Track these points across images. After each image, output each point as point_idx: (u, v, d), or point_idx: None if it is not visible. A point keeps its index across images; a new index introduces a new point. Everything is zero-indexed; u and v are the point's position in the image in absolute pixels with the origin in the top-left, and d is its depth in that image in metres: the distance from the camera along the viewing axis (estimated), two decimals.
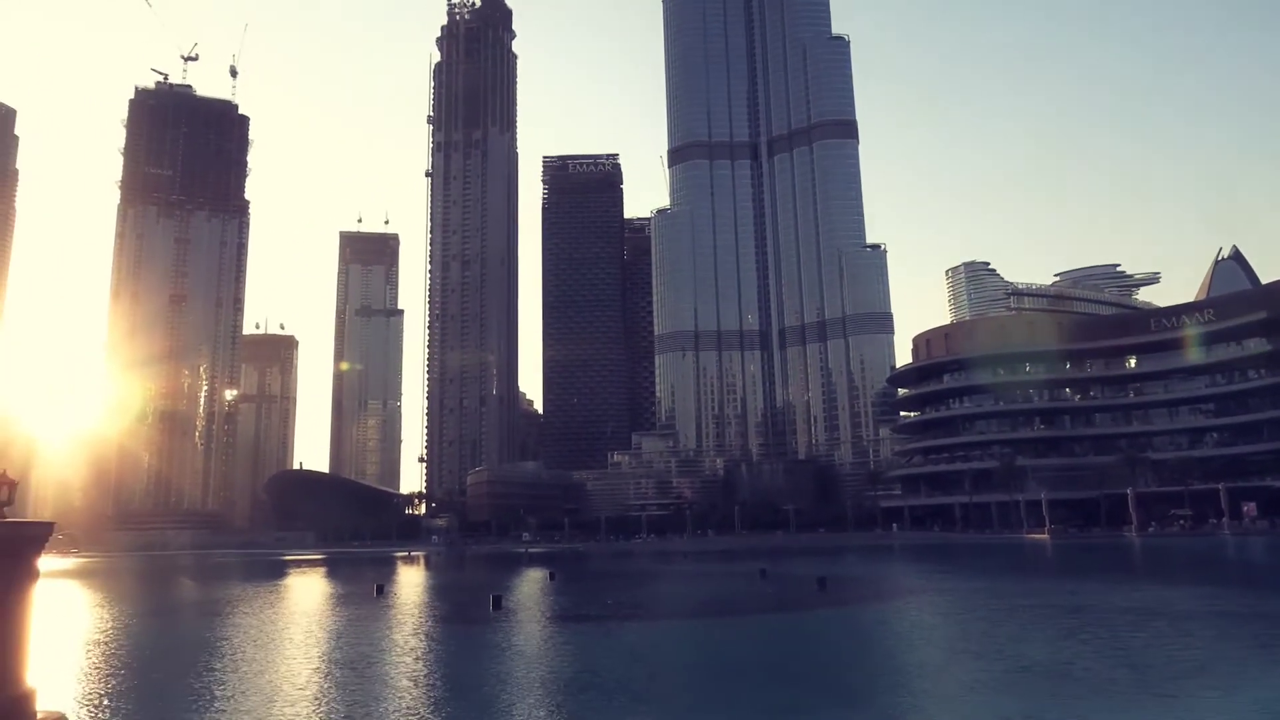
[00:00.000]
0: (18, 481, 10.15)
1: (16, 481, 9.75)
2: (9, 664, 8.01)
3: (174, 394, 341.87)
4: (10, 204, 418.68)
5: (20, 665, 8.10)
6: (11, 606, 8.18)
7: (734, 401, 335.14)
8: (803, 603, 56.75)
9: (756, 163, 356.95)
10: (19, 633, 8.22)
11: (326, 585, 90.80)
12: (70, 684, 28.68)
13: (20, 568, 8.43)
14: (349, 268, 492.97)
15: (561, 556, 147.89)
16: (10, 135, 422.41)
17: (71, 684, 28.77)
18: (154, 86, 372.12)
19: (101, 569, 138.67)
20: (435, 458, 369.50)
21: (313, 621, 51.74)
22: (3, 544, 8.25)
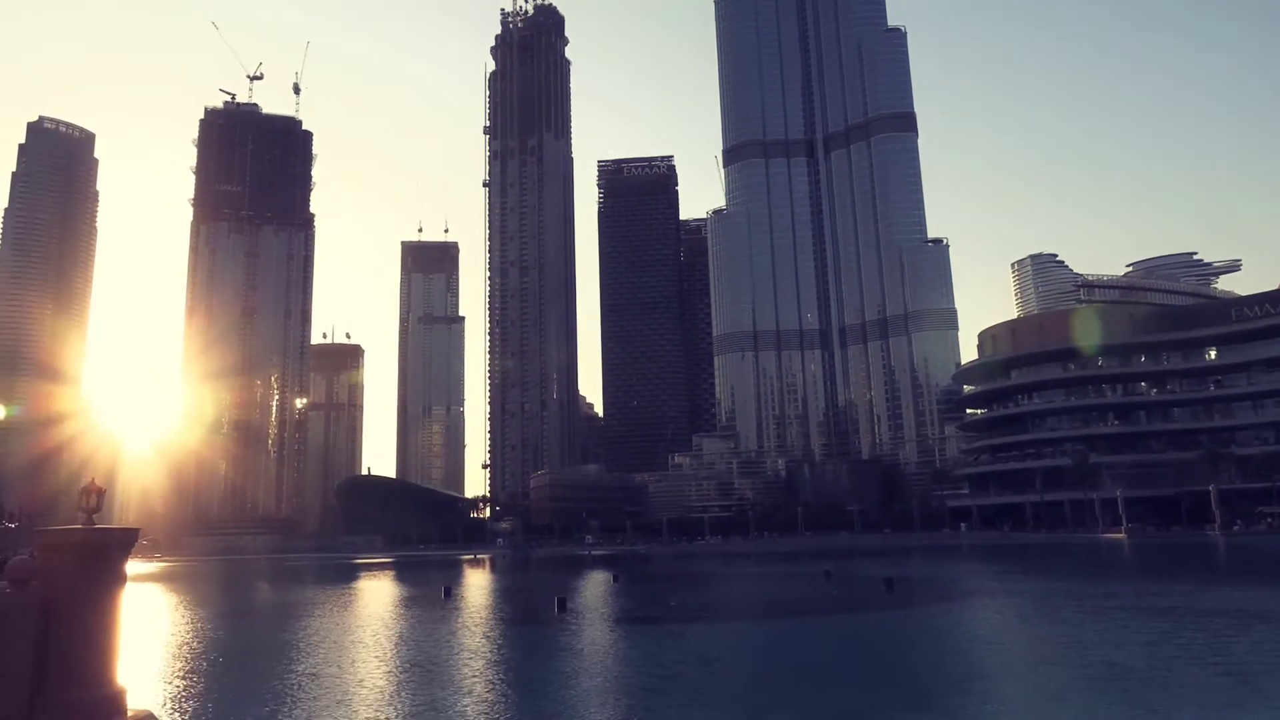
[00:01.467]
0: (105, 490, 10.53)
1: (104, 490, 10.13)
2: (101, 664, 8.33)
3: (247, 404, 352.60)
4: (92, 224, 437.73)
5: (111, 665, 8.43)
6: (102, 609, 8.51)
7: (795, 401, 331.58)
8: (870, 604, 55.86)
9: (813, 160, 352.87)
10: (109, 634, 8.55)
11: (396, 588, 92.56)
12: (156, 684, 29.79)
13: (109, 572, 8.77)
14: (411, 277, 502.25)
15: (624, 559, 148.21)
16: (90, 158, 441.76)
17: (158, 684, 29.88)
18: (222, 106, 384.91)
19: (182, 573, 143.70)
20: (498, 461, 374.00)
21: (383, 624, 52.79)
22: (93, 550, 8.59)
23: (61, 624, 8.14)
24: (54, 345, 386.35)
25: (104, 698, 8.28)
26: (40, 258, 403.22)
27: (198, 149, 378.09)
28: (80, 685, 8.09)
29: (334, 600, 74.18)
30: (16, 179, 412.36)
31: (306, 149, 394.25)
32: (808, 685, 27.98)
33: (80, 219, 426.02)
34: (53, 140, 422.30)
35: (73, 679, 8.04)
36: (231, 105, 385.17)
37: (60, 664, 8.04)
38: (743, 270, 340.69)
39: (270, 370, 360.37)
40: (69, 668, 8.07)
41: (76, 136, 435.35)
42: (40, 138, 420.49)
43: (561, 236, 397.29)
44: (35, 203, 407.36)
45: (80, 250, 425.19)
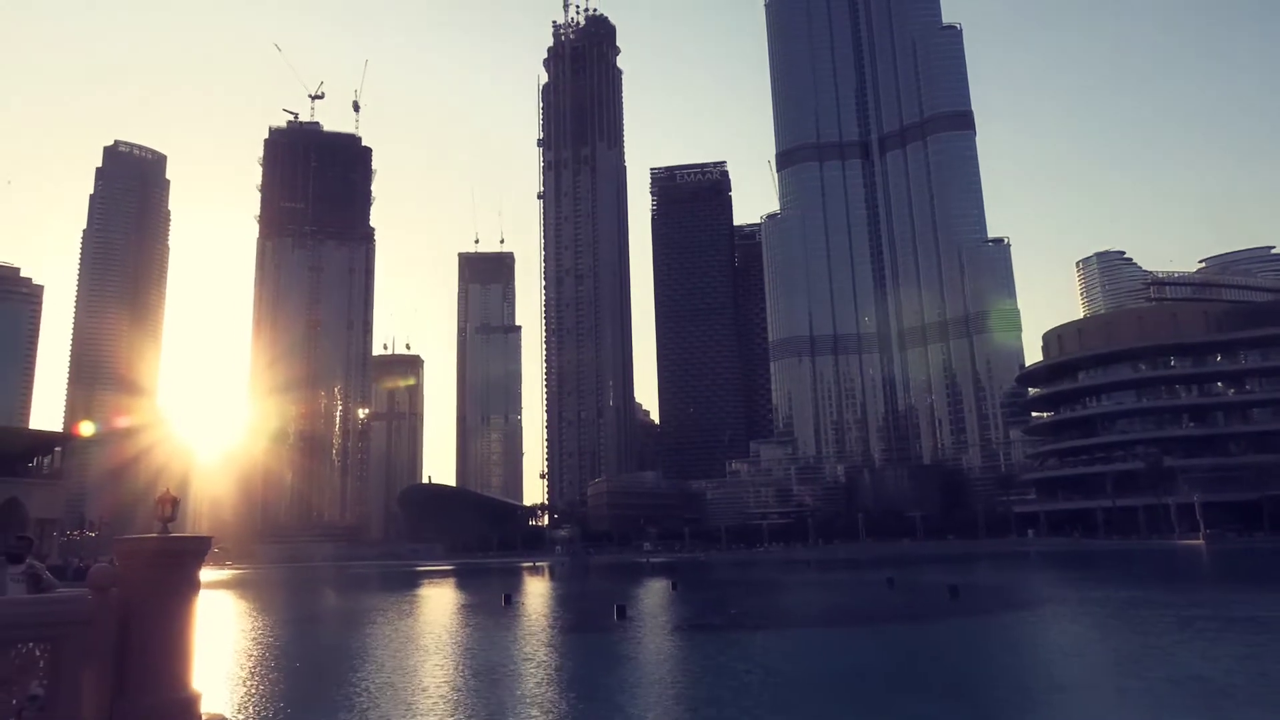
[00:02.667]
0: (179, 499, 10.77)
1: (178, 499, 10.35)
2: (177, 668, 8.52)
3: (312, 415, 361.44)
4: (164, 243, 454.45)
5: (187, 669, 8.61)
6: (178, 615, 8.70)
7: (853, 406, 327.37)
8: (935, 612, 54.63)
9: (868, 161, 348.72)
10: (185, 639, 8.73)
11: (457, 595, 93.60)
12: (228, 688, 30.57)
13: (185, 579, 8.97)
14: (468, 287, 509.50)
15: (683, 566, 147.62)
16: (162, 180, 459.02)
17: (229, 688, 30.65)
18: (286, 125, 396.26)
19: (251, 580, 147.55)
20: (556, 469, 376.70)
21: (445, 630, 53.41)
22: (169, 557, 8.79)
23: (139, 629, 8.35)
24: (131, 359, 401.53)
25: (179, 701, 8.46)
26: (117, 276, 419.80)
27: (263, 167, 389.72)
28: (157, 689, 8.28)
29: (397, 607, 75.34)
30: (94, 201, 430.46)
31: (366, 165, 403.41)
32: (875, 695, 27.43)
33: (153, 238, 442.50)
34: (127, 164, 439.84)
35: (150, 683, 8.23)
36: (294, 124, 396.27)
37: (138, 668, 8.24)
38: (798, 274, 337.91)
39: (334, 382, 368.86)
40: (147, 672, 8.27)
41: (149, 159, 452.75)
42: (116, 161, 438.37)
43: (615, 244, 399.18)
44: (112, 224, 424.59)
45: (154, 268, 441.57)
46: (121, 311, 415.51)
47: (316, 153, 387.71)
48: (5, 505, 70.38)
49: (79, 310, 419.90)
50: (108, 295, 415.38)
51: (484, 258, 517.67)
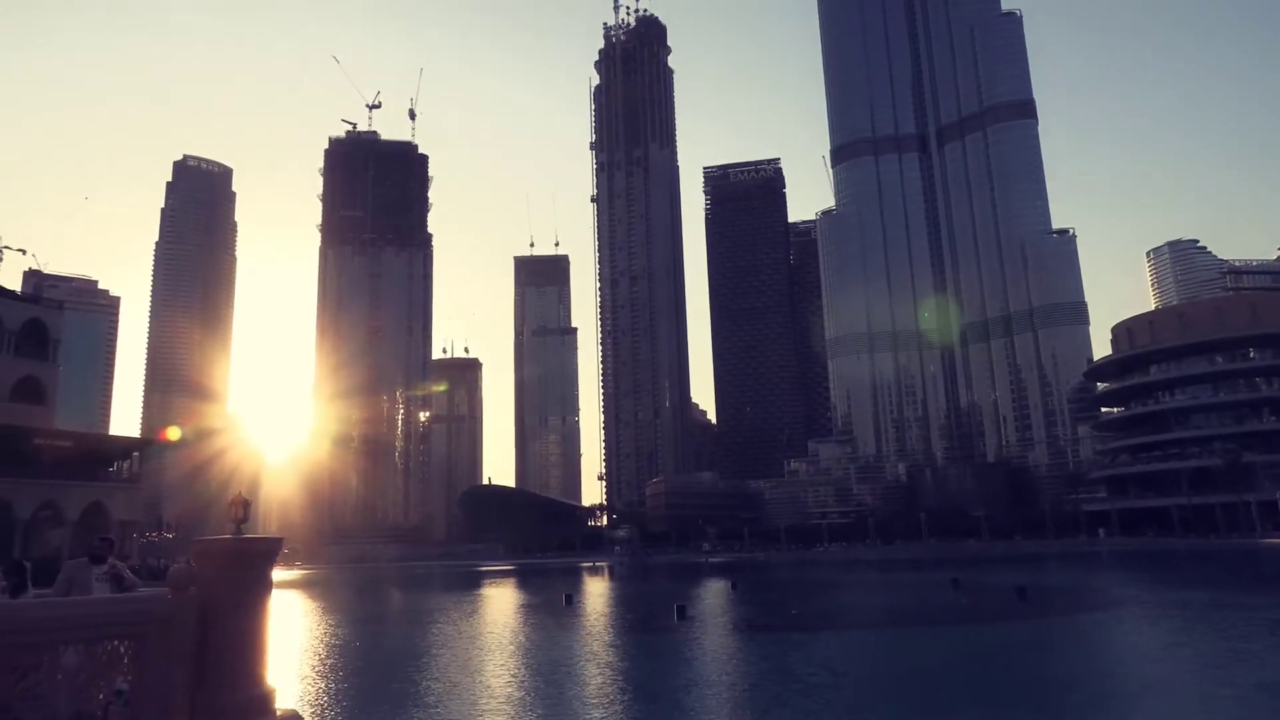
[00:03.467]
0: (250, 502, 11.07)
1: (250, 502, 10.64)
2: (253, 665, 8.75)
3: (375, 420, 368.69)
4: (232, 253, 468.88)
5: (262, 665, 8.84)
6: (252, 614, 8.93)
7: (914, 404, 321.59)
8: (1002, 613, 53.38)
9: (925, 154, 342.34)
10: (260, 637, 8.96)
11: (518, 595, 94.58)
12: (300, 685, 31.35)
13: (258, 579, 9.21)
14: (524, 291, 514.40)
15: (742, 566, 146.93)
16: (229, 191, 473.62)
17: (301, 685, 31.43)
18: (344, 135, 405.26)
19: (319, 580, 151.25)
20: (613, 470, 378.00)
21: (508, 630, 54.00)
22: (243, 557, 9.03)
23: (217, 627, 8.60)
24: (203, 366, 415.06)
25: (256, 697, 8.69)
26: (188, 286, 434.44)
27: (323, 177, 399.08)
28: (235, 685, 8.52)
29: (460, 606, 76.43)
30: (165, 214, 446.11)
31: (423, 172, 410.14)
32: (942, 698, 26.89)
33: (221, 249, 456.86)
34: (195, 177, 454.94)
35: (228, 679, 8.48)
36: (353, 134, 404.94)
37: (217, 665, 8.49)
38: (855, 270, 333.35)
39: (395, 386, 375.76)
40: (224, 668, 8.51)
41: (216, 173, 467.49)
42: (185, 175, 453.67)
43: (669, 245, 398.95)
44: (182, 236, 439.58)
45: (222, 278, 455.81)
46: (193, 320, 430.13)
47: (375, 161, 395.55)
48: (89, 509, 73.36)
49: (153, 319, 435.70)
50: (179, 305, 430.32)
51: (539, 261, 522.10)
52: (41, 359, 79.13)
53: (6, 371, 75.29)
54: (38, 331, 79.28)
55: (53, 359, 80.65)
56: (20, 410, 74.46)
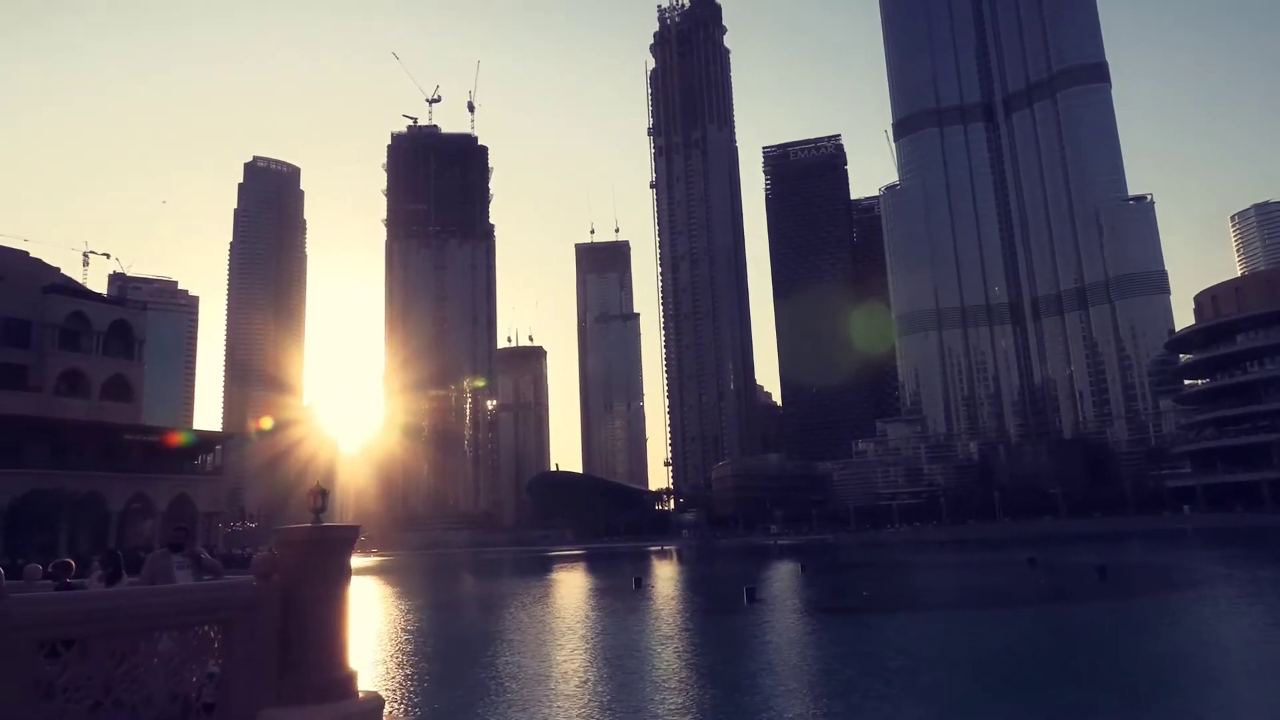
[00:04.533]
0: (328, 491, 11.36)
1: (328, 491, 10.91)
2: (335, 648, 9.00)
3: (444, 410, 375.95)
4: (302, 250, 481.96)
5: (344, 649, 9.08)
6: (333, 599, 9.18)
7: (985, 380, 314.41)
8: (1081, 594, 51.95)
9: (992, 124, 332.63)
10: (340, 622, 9.20)
11: (588, 579, 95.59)
12: (381, 668, 32.27)
13: (338, 565, 9.45)
14: (586, 277, 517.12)
15: (811, 548, 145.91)
16: (297, 190, 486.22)
17: (382, 668, 32.35)
18: (406, 130, 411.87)
19: (394, 566, 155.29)
20: (679, 454, 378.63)
21: (579, 614, 54.64)
22: (323, 545, 9.27)
23: (300, 612, 8.85)
24: (278, 360, 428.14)
25: (339, 679, 8.94)
26: (262, 283, 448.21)
27: (387, 172, 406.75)
28: (318, 668, 8.77)
29: (532, 591, 77.60)
30: (238, 215, 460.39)
31: (483, 163, 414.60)
32: (1021, 680, 26.31)
33: (292, 247, 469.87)
34: (265, 177, 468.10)
35: (312, 662, 8.74)
36: (414, 128, 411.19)
37: (300, 649, 8.74)
38: (921, 246, 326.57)
39: (462, 376, 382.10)
40: (308, 652, 8.77)
41: (285, 172, 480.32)
42: (255, 176, 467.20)
43: (730, 227, 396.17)
44: (255, 235, 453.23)
45: (294, 275, 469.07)
46: (267, 316, 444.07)
47: (436, 155, 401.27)
48: (176, 500, 76.59)
49: (230, 316, 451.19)
50: (254, 302, 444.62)
51: (600, 248, 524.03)
52: (128, 358, 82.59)
53: (96, 371, 78.83)
54: (124, 332, 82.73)
55: (138, 358, 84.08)
56: (110, 408, 77.93)
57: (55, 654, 7.62)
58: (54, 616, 7.77)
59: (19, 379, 73.88)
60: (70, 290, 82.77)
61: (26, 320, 75.44)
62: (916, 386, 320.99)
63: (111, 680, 7.76)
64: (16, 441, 69.27)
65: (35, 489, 65.96)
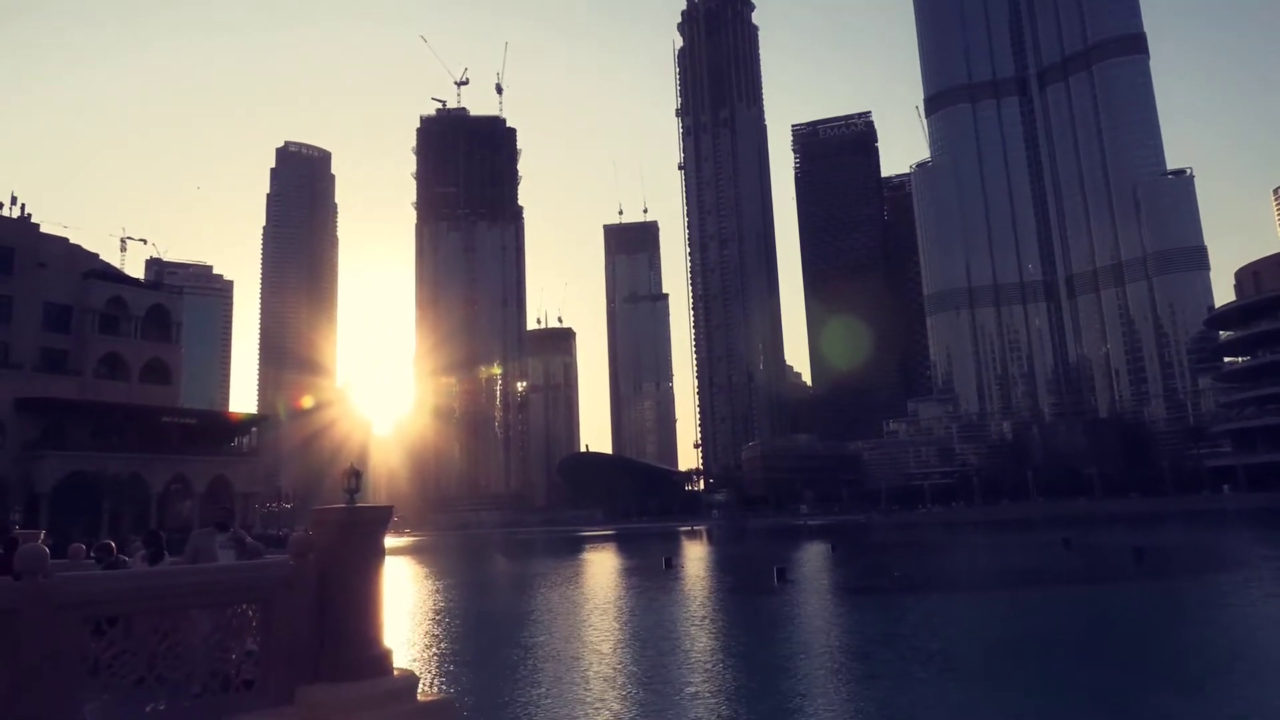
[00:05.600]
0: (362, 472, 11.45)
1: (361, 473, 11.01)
2: (370, 627, 9.11)
3: (474, 391, 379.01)
4: (333, 234, 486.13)
5: (379, 628, 9.20)
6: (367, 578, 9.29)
7: (1019, 359, 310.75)
8: (1119, 575, 51.34)
9: (1025, 98, 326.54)
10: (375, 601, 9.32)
11: (618, 559, 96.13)
12: (415, 647, 32.73)
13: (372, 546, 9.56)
14: (614, 258, 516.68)
15: (841, 529, 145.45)
16: (328, 174, 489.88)
17: (416, 647, 32.81)
18: (435, 113, 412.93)
19: (427, 546, 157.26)
20: (709, 434, 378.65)
21: (610, 593, 54.99)
22: (358, 525, 9.37)
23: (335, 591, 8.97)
24: (311, 342, 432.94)
25: (374, 657, 9.06)
26: (294, 267, 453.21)
27: (416, 155, 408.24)
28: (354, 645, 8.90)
29: (563, 571, 78.23)
30: (270, 200, 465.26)
31: (511, 145, 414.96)
32: (1056, 662, 26.06)
33: (324, 231, 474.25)
34: (297, 162, 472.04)
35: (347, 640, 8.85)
36: (443, 111, 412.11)
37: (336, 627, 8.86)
38: (953, 223, 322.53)
39: (492, 358, 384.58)
40: (344, 630, 8.89)
41: (316, 157, 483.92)
42: (287, 161, 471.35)
43: (759, 206, 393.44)
44: (287, 219, 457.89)
45: (326, 258, 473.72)
46: (300, 300, 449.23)
47: (465, 137, 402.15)
48: (215, 481, 78.10)
49: (264, 300, 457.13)
50: (288, 286, 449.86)
51: (628, 228, 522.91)
52: (166, 341, 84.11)
53: (136, 354, 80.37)
54: (161, 316, 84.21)
55: (176, 341, 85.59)
56: (149, 390, 79.47)
57: (100, 631, 7.81)
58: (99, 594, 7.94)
59: (60, 363, 75.54)
60: (109, 276, 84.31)
61: (67, 305, 77.05)
62: (948, 366, 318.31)
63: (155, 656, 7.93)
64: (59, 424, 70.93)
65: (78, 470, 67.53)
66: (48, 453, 68.20)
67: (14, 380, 69.54)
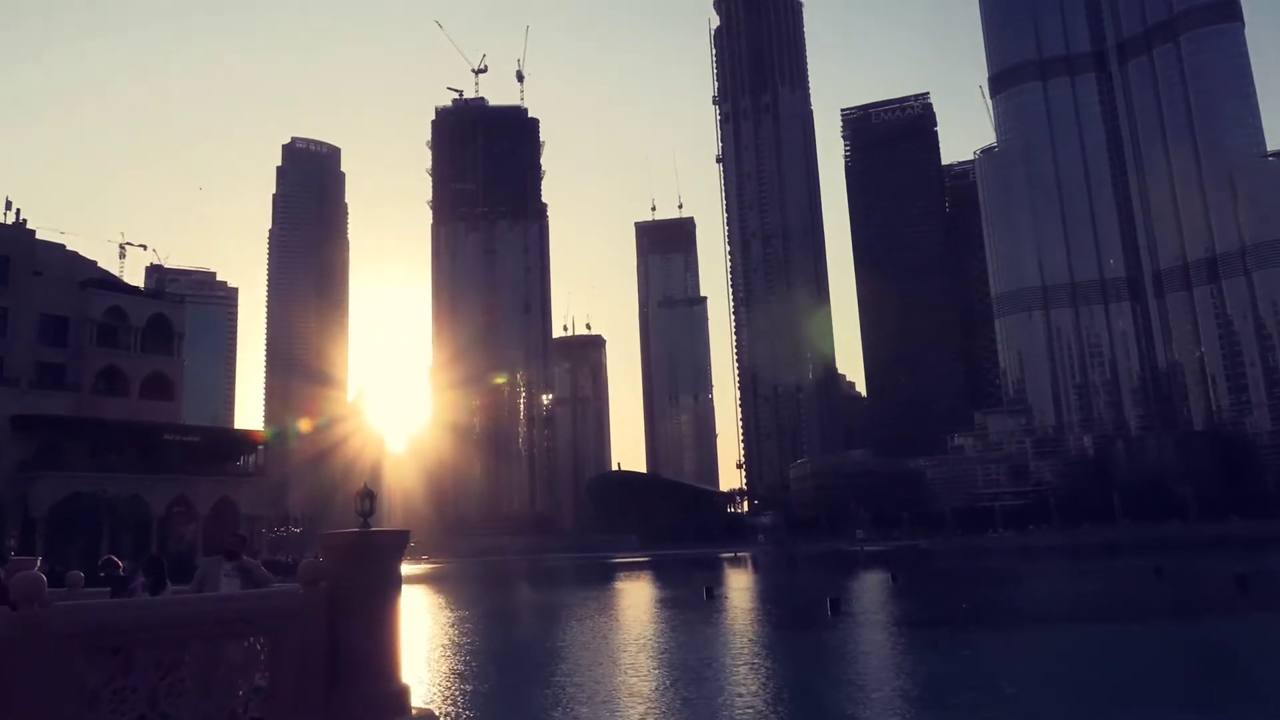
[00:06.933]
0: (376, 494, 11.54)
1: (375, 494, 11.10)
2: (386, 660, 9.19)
3: (495, 405, 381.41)
4: (344, 235, 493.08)
5: (394, 663, 9.27)
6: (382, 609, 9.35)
7: (1099, 365, 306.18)
8: (1219, 607, 50.20)
9: (1104, 74, 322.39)
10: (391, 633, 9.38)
11: (655, 589, 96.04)
12: (433, 684, 32.91)
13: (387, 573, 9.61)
14: (647, 259, 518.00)
15: (902, 555, 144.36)
16: (338, 172, 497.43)
17: (434, 684, 32.99)
18: (451, 104, 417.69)
19: (445, 574, 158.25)
20: (753, 451, 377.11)
21: (646, 627, 54.87)
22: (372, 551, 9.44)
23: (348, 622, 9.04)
24: (322, 352, 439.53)
25: (389, 694, 9.13)
26: (303, 271, 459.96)
27: (432, 150, 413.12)
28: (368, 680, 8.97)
29: (594, 602, 78.27)
30: (277, 200, 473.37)
31: (534, 137, 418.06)
32: (1148, 706, 25.50)
33: (334, 233, 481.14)
34: (304, 159, 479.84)
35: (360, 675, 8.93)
36: (460, 102, 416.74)
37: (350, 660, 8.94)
38: (1023, 215, 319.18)
39: (515, 368, 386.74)
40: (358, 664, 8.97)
41: (325, 153, 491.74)
42: (294, 158, 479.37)
43: (805, 199, 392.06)
44: (295, 221, 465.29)
45: (336, 262, 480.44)
46: (309, 307, 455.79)
47: (484, 129, 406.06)
48: (219, 503, 79.34)
49: (271, 308, 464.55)
50: (296, 292, 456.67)
51: (662, 226, 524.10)
52: (167, 354, 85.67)
53: (135, 368, 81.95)
54: (162, 327, 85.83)
55: (177, 353, 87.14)
56: (150, 406, 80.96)
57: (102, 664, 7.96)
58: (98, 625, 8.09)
59: (57, 378, 77.24)
60: (108, 284, 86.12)
61: (64, 317, 78.74)
62: (1020, 373, 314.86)
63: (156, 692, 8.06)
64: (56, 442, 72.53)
65: (76, 492, 68.95)
66: (44, 473, 69.71)
67: (8, 396, 71.24)
